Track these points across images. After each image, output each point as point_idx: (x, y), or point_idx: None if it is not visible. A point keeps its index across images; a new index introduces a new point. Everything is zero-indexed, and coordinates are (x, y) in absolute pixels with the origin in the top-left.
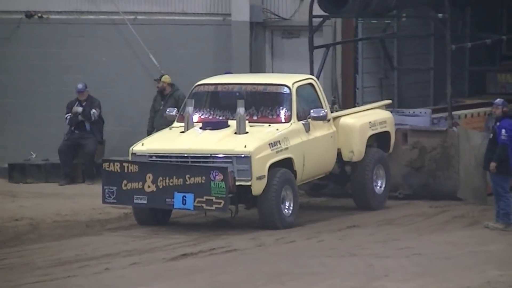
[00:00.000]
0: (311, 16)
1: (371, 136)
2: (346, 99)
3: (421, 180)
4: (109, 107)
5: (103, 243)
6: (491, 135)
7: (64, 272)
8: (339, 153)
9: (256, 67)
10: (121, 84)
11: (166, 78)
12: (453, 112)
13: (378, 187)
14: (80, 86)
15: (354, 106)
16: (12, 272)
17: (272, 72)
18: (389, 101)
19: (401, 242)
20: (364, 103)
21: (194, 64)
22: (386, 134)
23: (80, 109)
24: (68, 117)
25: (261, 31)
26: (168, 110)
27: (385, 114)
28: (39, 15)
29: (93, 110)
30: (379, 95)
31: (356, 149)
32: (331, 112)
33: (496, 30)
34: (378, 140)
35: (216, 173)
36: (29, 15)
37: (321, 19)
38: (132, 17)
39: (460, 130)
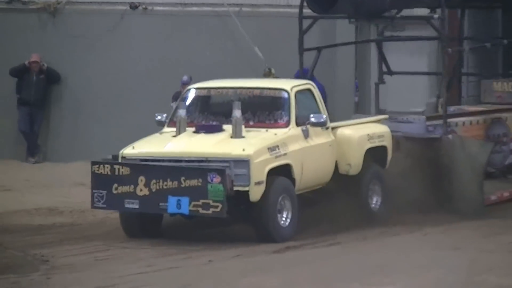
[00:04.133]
0: (301, 17)
1: (369, 150)
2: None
3: (414, 189)
4: None
5: (206, 236)
6: None
7: (167, 263)
8: (335, 166)
9: (360, 61)
10: (223, 76)
11: (273, 71)
12: (451, 120)
13: (373, 204)
14: (185, 78)
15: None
16: (116, 263)
17: (378, 66)
18: (386, 116)
19: (506, 237)
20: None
21: (297, 58)
22: (383, 149)
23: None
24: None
25: (366, 24)
26: (156, 115)
27: (383, 128)
28: (144, 6)
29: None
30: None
31: (353, 162)
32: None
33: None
34: (375, 155)
35: (214, 176)
36: (133, 6)
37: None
38: (237, 9)
39: (455, 138)
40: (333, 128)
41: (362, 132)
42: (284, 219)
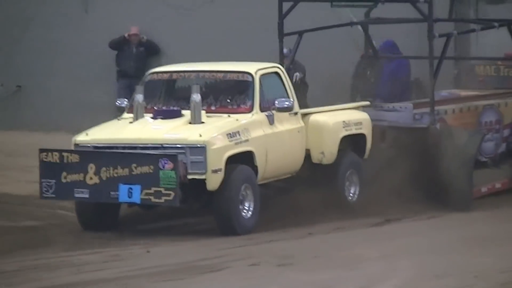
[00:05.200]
0: (281, 1)
1: (345, 138)
2: None
3: (400, 181)
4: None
5: (306, 209)
6: None
7: (267, 236)
8: (308, 155)
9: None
10: (320, 47)
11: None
12: (441, 107)
13: (351, 195)
14: (285, 50)
15: None
16: (217, 237)
17: (477, 41)
18: (367, 103)
19: None
20: None
21: (394, 29)
22: (361, 137)
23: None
24: None
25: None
26: (117, 100)
27: (362, 115)
28: None
29: (296, 73)
30: None
31: (327, 150)
32: None
33: None
34: (353, 144)
35: (166, 162)
36: None
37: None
38: None
39: (442, 128)
40: (306, 115)
41: (336, 119)
42: (246, 209)
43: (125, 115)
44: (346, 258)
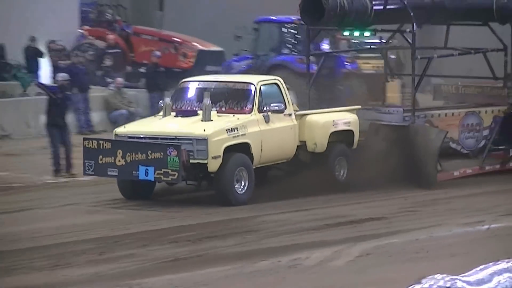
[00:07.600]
0: (309, 28)
1: (334, 133)
2: None
3: (387, 167)
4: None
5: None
6: None
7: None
8: (305, 145)
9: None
10: None
11: None
12: (430, 112)
13: (340, 175)
14: None
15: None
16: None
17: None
18: (358, 107)
19: None
20: None
21: None
22: (350, 133)
23: None
24: None
25: None
26: (160, 102)
27: (351, 116)
28: None
29: None
30: None
31: (318, 142)
32: None
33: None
34: (342, 137)
35: (172, 150)
36: None
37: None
38: None
39: (418, 126)
40: (303, 115)
41: (327, 119)
42: (241, 187)
43: (161, 113)
44: None
